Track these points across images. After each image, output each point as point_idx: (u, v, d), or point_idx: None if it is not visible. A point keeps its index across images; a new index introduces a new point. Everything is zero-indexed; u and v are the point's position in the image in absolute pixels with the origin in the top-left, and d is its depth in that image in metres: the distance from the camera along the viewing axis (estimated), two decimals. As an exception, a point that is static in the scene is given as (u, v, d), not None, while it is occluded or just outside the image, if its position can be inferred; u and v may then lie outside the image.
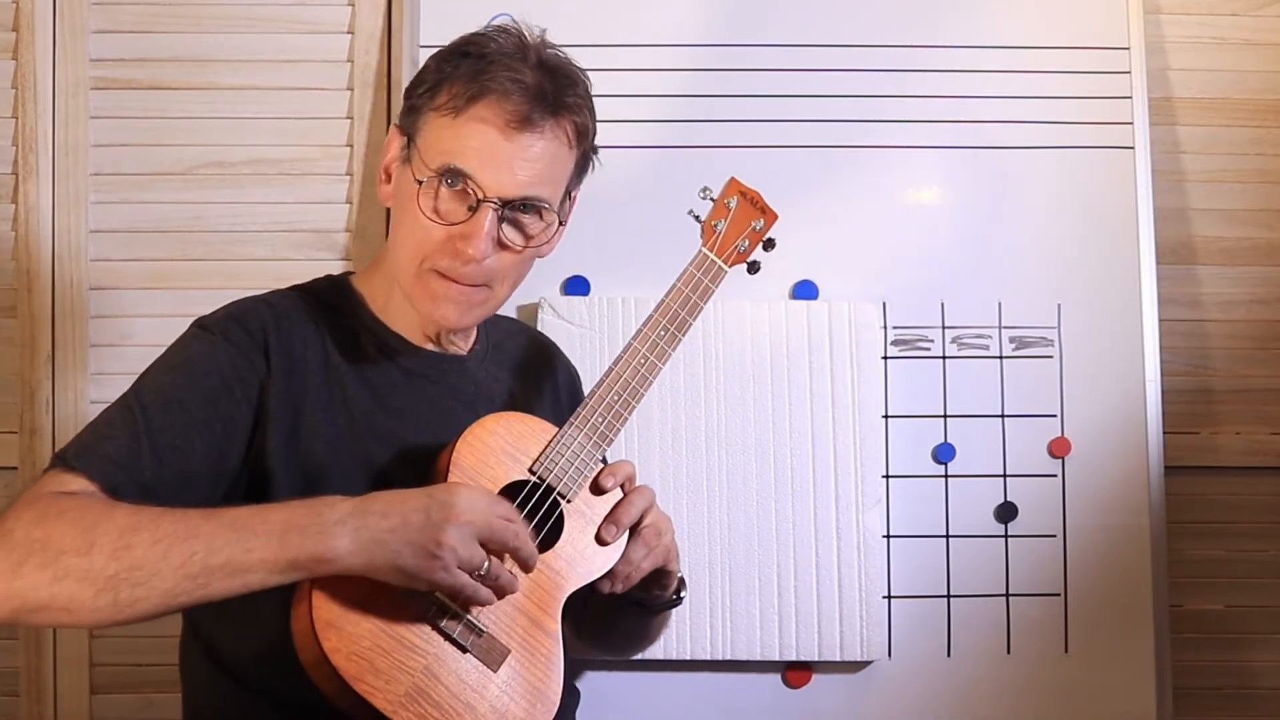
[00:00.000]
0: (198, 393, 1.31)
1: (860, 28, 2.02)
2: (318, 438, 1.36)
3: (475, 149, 1.34)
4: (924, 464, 1.97)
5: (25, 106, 2.02)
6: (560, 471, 1.37)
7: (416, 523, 1.21)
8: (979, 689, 1.94)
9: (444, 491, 1.25)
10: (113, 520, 1.17)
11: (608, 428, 1.40)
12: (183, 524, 1.18)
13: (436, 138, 1.36)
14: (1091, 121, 2.01)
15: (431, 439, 1.40)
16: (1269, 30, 2.11)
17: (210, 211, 2.04)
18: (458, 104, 1.35)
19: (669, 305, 1.46)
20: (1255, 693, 2.07)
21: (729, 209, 1.51)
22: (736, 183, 1.53)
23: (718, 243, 1.50)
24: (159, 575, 1.15)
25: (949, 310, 1.99)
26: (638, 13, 2.01)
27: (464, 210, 1.35)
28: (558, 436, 1.39)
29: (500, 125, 1.35)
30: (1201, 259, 2.09)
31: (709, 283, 1.48)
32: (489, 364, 1.52)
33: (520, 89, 1.35)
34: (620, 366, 1.42)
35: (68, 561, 1.14)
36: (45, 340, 2.01)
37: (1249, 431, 2.09)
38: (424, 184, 1.36)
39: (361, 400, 1.40)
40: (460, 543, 1.22)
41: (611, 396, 1.41)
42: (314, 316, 1.42)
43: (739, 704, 1.93)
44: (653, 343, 1.44)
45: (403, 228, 1.39)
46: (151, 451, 1.26)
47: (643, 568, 1.42)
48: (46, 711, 1.98)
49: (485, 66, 1.35)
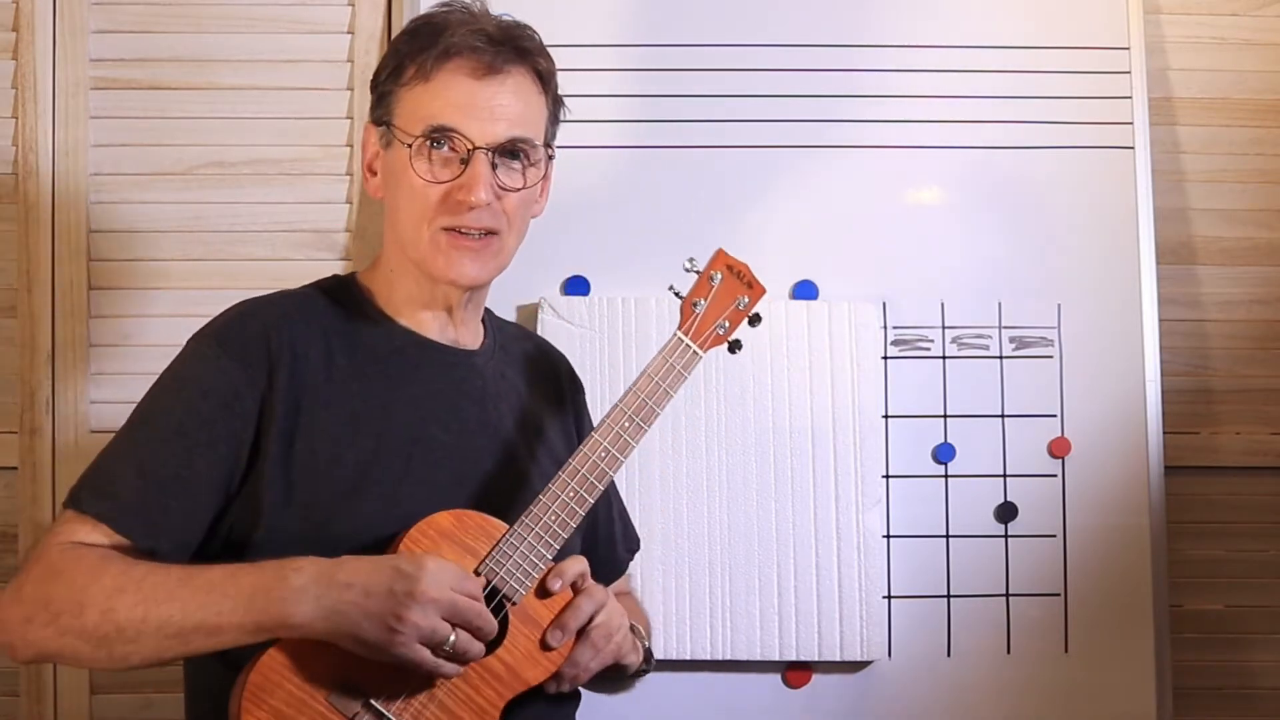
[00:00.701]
0: (196, 417, 1.33)
1: (860, 28, 2.01)
2: (319, 436, 1.36)
3: (454, 103, 1.38)
4: (924, 464, 1.97)
5: (25, 106, 2.02)
6: (507, 573, 1.33)
7: (379, 594, 1.23)
8: (979, 689, 1.94)
9: (410, 563, 1.25)
10: (100, 584, 1.24)
11: (560, 525, 1.35)
12: (162, 587, 1.24)
13: (414, 106, 1.39)
14: (1091, 121, 2.01)
15: (440, 432, 1.41)
16: (1269, 30, 2.11)
17: (210, 211, 2.03)
18: (425, 70, 1.39)
19: (638, 393, 1.39)
20: (1255, 693, 2.07)
21: (712, 285, 1.44)
22: (724, 255, 1.45)
23: (695, 325, 1.43)
24: (143, 635, 1.23)
25: (949, 310, 1.99)
26: (637, 12, 2.01)
27: (457, 164, 1.39)
28: (506, 536, 1.34)
29: (472, 74, 1.39)
30: (1201, 259, 2.10)
31: (682, 369, 1.42)
32: (497, 362, 1.52)
33: (482, 38, 1.39)
34: (578, 460, 1.37)
35: (65, 621, 1.24)
36: (45, 340, 2.01)
37: (1249, 431, 2.09)
38: (413, 148, 1.39)
39: (368, 396, 1.40)
40: (423, 618, 1.23)
41: (566, 494, 1.36)
42: (319, 314, 1.43)
43: (739, 704, 1.93)
44: (615, 434, 1.38)
45: (401, 202, 1.41)
46: (157, 486, 1.31)
47: (590, 668, 1.40)
48: (46, 711, 1.98)
49: (442, 30, 1.39)
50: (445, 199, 1.39)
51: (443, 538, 1.32)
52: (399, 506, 1.35)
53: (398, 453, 1.39)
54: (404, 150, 1.39)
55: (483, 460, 1.44)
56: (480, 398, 1.47)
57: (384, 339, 1.44)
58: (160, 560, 1.30)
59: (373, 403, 1.39)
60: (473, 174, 1.38)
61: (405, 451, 1.39)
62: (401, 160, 1.40)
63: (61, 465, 1.99)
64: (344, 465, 1.36)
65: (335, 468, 1.35)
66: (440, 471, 1.40)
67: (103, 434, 1.94)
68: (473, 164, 1.38)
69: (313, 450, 1.35)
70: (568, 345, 1.82)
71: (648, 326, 1.92)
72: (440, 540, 1.32)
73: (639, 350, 1.92)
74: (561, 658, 1.36)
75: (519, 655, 1.34)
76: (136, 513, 1.30)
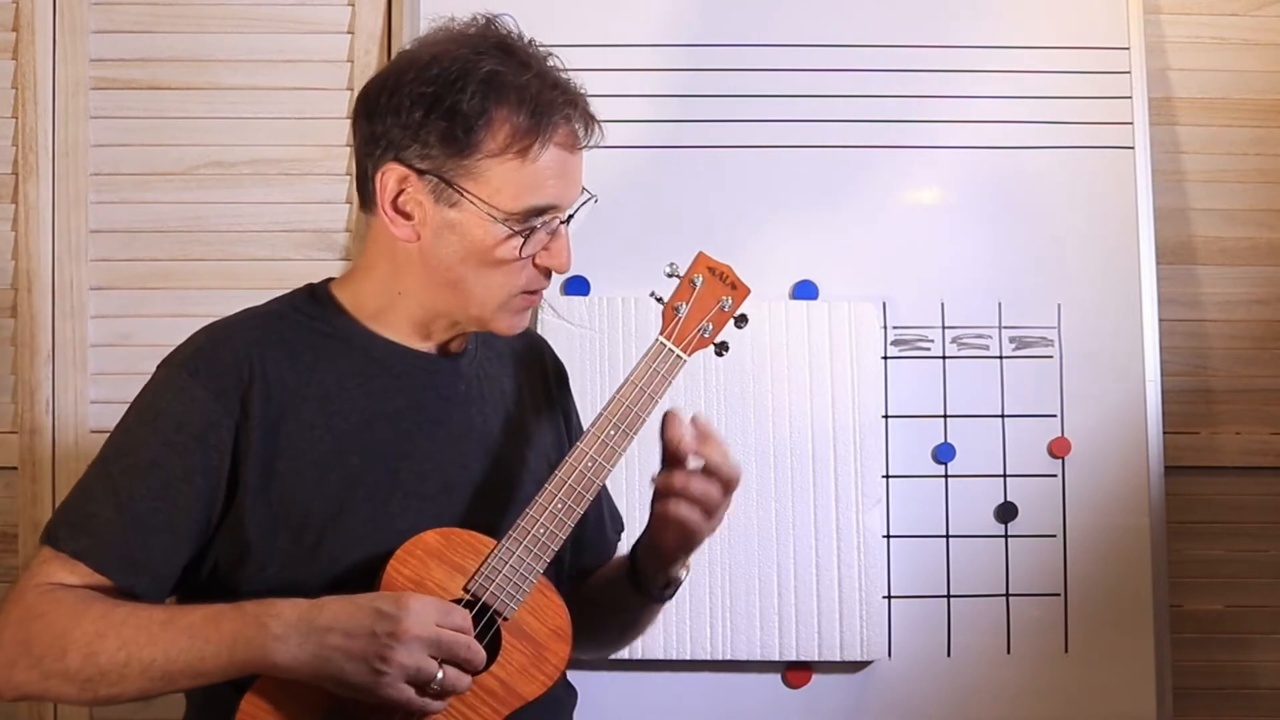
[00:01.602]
0: (171, 450, 1.31)
1: (860, 28, 2.01)
2: (302, 458, 1.33)
3: (554, 180, 1.35)
4: (924, 464, 1.97)
5: (25, 106, 2.02)
6: (497, 588, 1.31)
7: (361, 637, 1.21)
8: (979, 689, 1.94)
9: (392, 604, 1.23)
10: (81, 627, 1.24)
11: (549, 538, 1.32)
12: (144, 631, 1.24)
13: (509, 181, 1.33)
14: (1091, 121, 2.01)
15: (425, 441, 1.39)
16: (1269, 30, 2.11)
17: (210, 211, 2.04)
18: (528, 150, 1.33)
19: (622, 400, 1.37)
20: (1255, 693, 2.07)
21: (694, 287, 1.40)
22: (705, 257, 1.42)
23: (677, 329, 1.40)
24: (127, 678, 1.24)
25: (949, 310, 1.99)
26: (637, 12, 2.01)
27: (547, 234, 1.36)
28: (494, 551, 1.32)
29: (570, 149, 1.36)
30: (1201, 259, 2.09)
31: (665, 374, 1.39)
32: (480, 361, 1.50)
33: (571, 106, 1.36)
34: (564, 471, 1.34)
35: (48, 665, 1.24)
36: (45, 340, 2.01)
37: (1249, 431, 2.09)
38: (507, 225, 1.33)
39: (349, 412, 1.37)
40: (407, 657, 1.21)
41: (555, 505, 1.33)
42: (292, 331, 1.39)
43: (739, 704, 1.93)
44: (602, 443, 1.35)
45: (472, 269, 1.36)
46: (135, 523, 1.29)
47: (720, 511, 1.41)
48: (46, 712, 1.98)
49: (536, 95, 1.33)
50: (528, 265, 1.37)
51: (430, 556, 1.31)
52: (390, 521, 1.34)
53: (384, 467, 1.36)
54: (487, 222, 1.33)
55: (471, 466, 1.42)
56: (464, 402, 1.45)
57: (362, 351, 1.40)
58: (139, 597, 1.29)
59: (355, 418, 1.37)
60: (562, 244, 1.37)
61: (391, 466, 1.37)
62: (481, 229, 1.34)
63: (61, 465, 2.00)
64: (330, 484, 1.33)
65: (322, 487, 1.33)
66: (428, 482, 1.38)
67: (102, 434, 1.92)
68: (561, 235, 1.37)
69: (297, 473, 1.33)
70: (567, 345, 1.82)
71: (647, 327, 1.92)
72: (428, 559, 1.30)
73: (639, 350, 1.88)
74: (558, 671, 1.34)
75: (513, 670, 1.32)
76: (115, 550, 1.29)
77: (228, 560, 1.33)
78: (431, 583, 1.30)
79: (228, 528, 1.32)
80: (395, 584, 1.29)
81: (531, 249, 1.35)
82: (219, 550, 1.33)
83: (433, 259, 1.36)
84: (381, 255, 1.40)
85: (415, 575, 1.30)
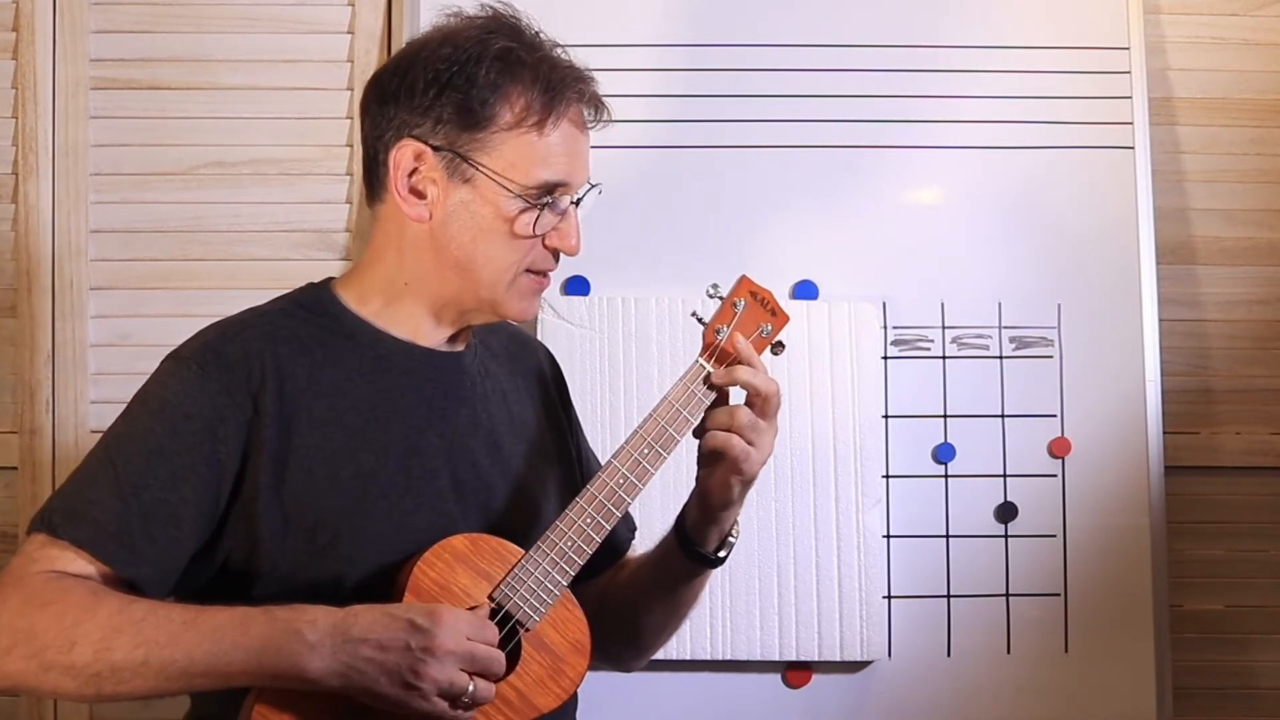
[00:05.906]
0: (178, 439, 1.29)
1: (860, 28, 2.02)
2: (314, 456, 1.33)
3: (566, 158, 1.36)
4: (924, 464, 1.97)
5: (25, 106, 2.02)
6: (520, 599, 1.31)
7: (395, 649, 1.20)
8: (979, 689, 1.94)
9: (426, 617, 1.22)
10: (95, 620, 1.20)
11: (576, 551, 1.32)
12: (164, 630, 1.21)
13: (523, 155, 1.34)
14: (1091, 121, 2.01)
15: (434, 437, 1.39)
16: (1269, 30, 2.11)
17: (210, 211, 2.04)
18: (543, 124, 1.35)
19: (657, 420, 1.36)
20: (1255, 693, 2.07)
21: (735, 311, 1.39)
22: (748, 281, 1.41)
23: (718, 352, 1.39)
24: (140, 676, 1.20)
25: (949, 310, 1.99)
26: (637, 12, 2.01)
27: (556, 215, 1.38)
28: (521, 562, 1.32)
29: (580, 127, 1.38)
30: (1201, 259, 2.10)
31: (703, 397, 1.38)
32: (481, 359, 1.51)
33: (583, 84, 1.38)
34: (596, 487, 1.34)
35: (51, 656, 1.19)
36: (45, 340, 2.01)
37: (1249, 431, 2.09)
38: (520, 199, 1.35)
39: (359, 409, 1.37)
40: (440, 672, 1.21)
41: (583, 520, 1.33)
42: (299, 329, 1.38)
43: (739, 704, 1.93)
44: (634, 461, 1.35)
45: (481, 246, 1.37)
46: (139, 511, 1.26)
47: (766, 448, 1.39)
48: (46, 712, 1.98)
49: (549, 73, 1.35)
50: (542, 246, 1.39)
51: (458, 561, 1.31)
52: (404, 519, 1.34)
53: (396, 464, 1.36)
54: (501, 196, 1.35)
55: (479, 462, 1.42)
56: (469, 398, 1.45)
57: (369, 348, 1.40)
58: (141, 589, 1.26)
59: (365, 415, 1.37)
60: (572, 225, 1.38)
61: (403, 462, 1.37)
62: (494, 204, 1.35)
63: (61, 465, 2.00)
64: (343, 482, 1.33)
65: (335, 485, 1.33)
66: (439, 479, 1.38)
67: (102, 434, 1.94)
68: (571, 215, 1.38)
69: (309, 471, 1.32)
70: (567, 345, 1.82)
71: (648, 326, 1.92)
72: (455, 564, 1.30)
73: (639, 350, 1.92)
74: (574, 685, 1.34)
75: (530, 682, 1.32)
76: (117, 539, 1.25)
77: (241, 557, 1.32)
78: (457, 588, 1.30)
79: (237, 522, 1.31)
80: (421, 586, 1.29)
81: (543, 226, 1.37)
82: (230, 545, 1.31)
83: (443, 239, 1.37)
84: (389, 244, 1.41)
85: (441, 579, 1.30)
